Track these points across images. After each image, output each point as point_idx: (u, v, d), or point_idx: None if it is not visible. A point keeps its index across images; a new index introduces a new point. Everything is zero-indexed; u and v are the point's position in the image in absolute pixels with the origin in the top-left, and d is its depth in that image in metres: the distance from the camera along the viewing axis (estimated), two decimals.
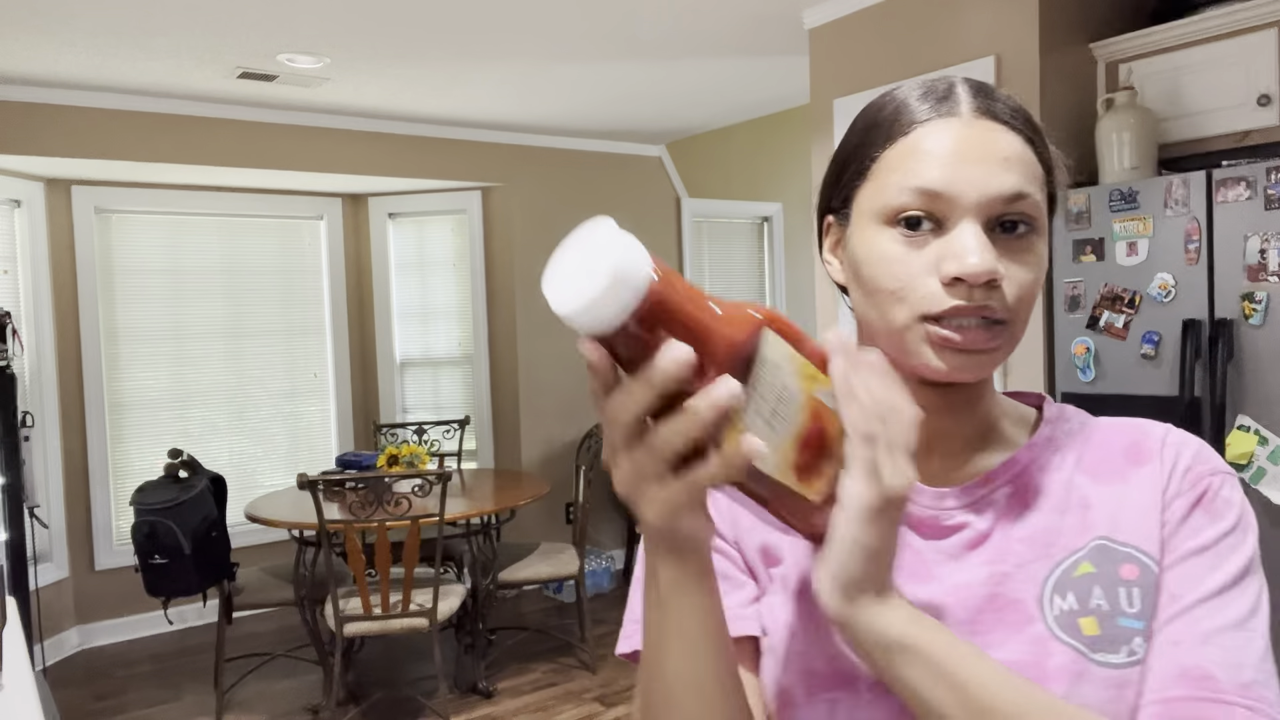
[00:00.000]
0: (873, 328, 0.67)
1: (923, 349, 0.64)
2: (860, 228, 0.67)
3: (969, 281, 0.61)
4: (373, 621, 3.14)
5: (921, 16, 2.88)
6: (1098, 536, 0.66)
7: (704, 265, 5.69)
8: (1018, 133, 0.66)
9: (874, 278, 0.65)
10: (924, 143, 0.64)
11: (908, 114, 0.66)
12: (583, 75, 3.88)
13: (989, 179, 0.63)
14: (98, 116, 3.93)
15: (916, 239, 0.64)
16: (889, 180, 0.65)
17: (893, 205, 0.64)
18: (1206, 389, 2.23)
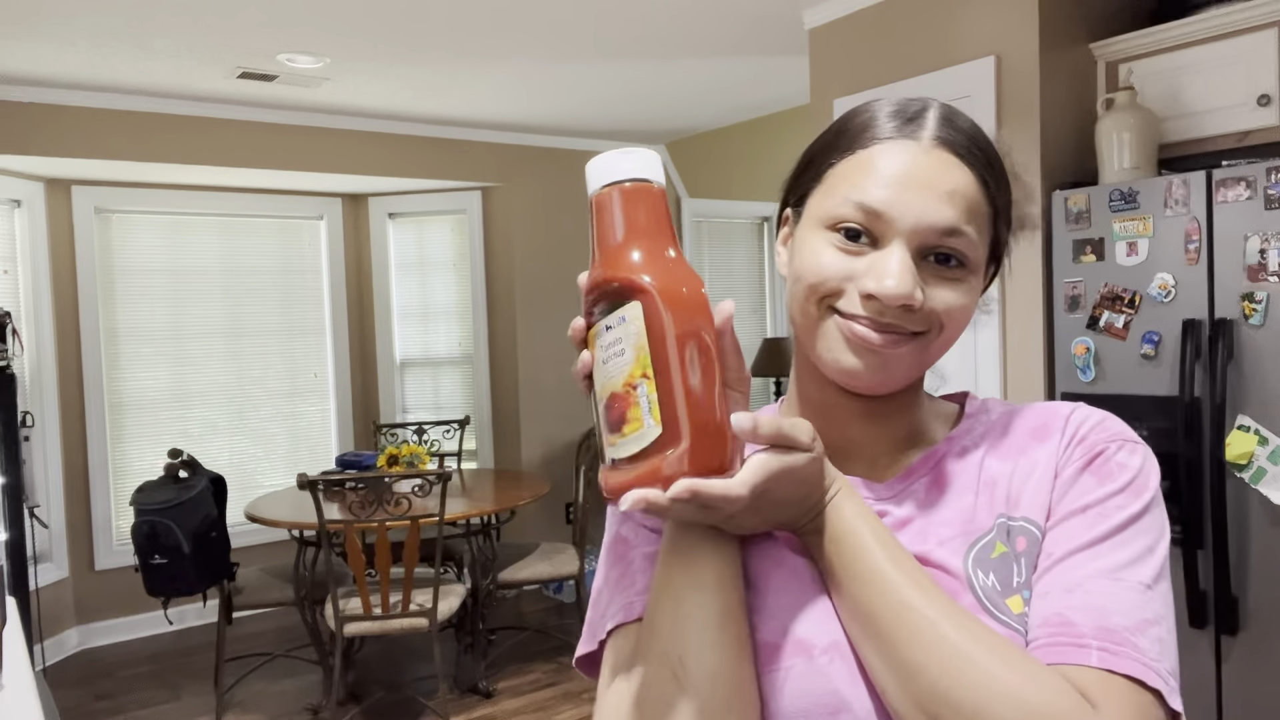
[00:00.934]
0: (795, 322, 0.70)
1: (836, 343, 0.66)
2: (806, 228, 0.69)
3: (884, 302, 0.63)
4: (373, 621, 3.14)
5: (921, 16, 2.88)
6: (999, 514, 0.67)
7: (704, 265, 5.69)
8: (972, 170, 0.67)
9: (801, 271, 0.68)
10: (877, 160, 0.66)
11: (873, 129, 0.68)
12: (583, 75, 3.88)
13: (926, 208, 0.64)
14: (98, 116, 3.93)
15: (852, 249, 0.66)
16: (837, 189, 0.67)
17: (835, 214, 0.66)
18: (1206, 389, 2.23)
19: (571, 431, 5.16)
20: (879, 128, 0.67)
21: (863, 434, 0.73)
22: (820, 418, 0.72)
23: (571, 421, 5.16)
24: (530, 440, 5.02)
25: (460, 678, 3.78)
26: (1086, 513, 0.64)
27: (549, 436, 5.08)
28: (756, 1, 3.06)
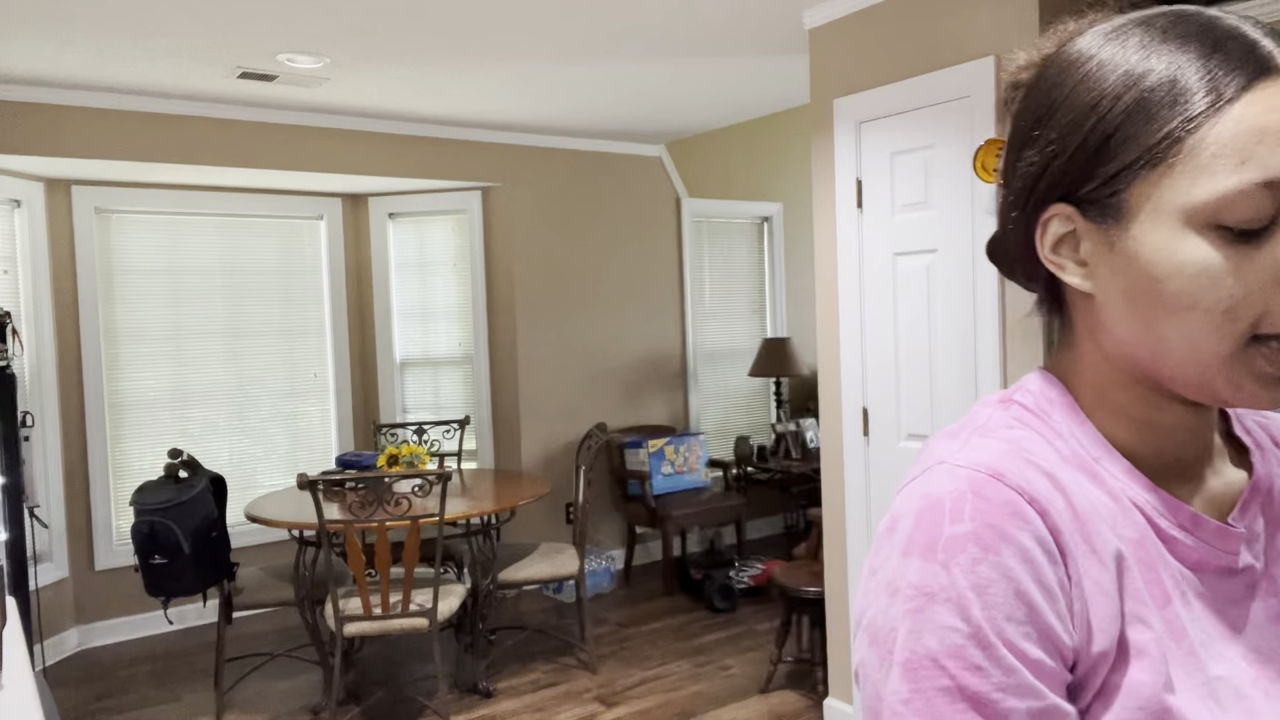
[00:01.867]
0: (1159, 352, 0.54)
1: (1247, 379, 0.52)
2: (1156, 229, 0.52)
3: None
4: (373, 621, 3.14)
5: (921, 16, 2.89)
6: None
7: (704, 265, 5.69)
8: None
9: (1194, 294, 0.51)
10: (1260, 116, 0.49)
11: (1214, 75, 0.50)
12: (583, 75, 3.88)
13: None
14: (98, 116, 3.94)
15: (1249, 240, 0.50)
16: (1217, 170, 0.50)
17: (1225, 203, 0.50)
18: None
19: (571, 431, 5.16)
20: (1220, 73, 0.50)
21: (1194, 449, 0.60)
22: (1157, 439, 0.59)
23: (571, 421, 5.16)
24: (530, 440, 5.02)
25: (460, 678, 3.78)
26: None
27: (549, 436, 5.08)
28: (756, 1, 3.06)
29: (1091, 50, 0.55)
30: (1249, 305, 0.50)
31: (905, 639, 0.51)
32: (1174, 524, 0.56)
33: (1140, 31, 0.53)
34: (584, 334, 5.20)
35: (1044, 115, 0.56)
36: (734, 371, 5.81)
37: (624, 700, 3.51)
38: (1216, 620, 0.55)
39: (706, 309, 5.69)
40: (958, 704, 0.48)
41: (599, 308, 5.24)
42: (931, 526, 0.52)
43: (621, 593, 4.88)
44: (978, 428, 0.59)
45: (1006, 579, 0.50)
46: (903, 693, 0.50)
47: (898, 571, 0.53)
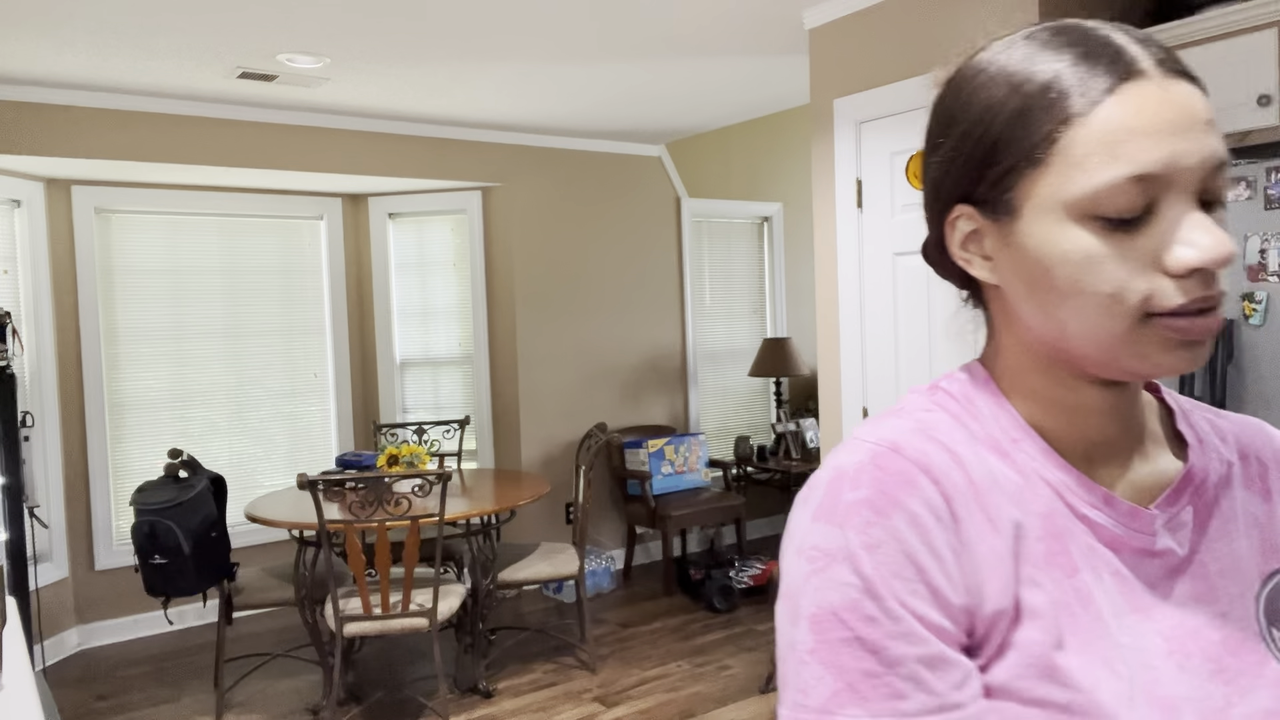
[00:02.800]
0: (1064, 334, 0.58)
1: (1152, 349, 0.55)
2: (1042, 223, 0.57)
3: (1212, 268, 0.53)
4: (373, 621, 3.14)
5: (921, 16, 2.89)
6: (1274, 567, 0.62)
7: (704, 265, 5.69)
8: (1198, 86, 0.56)
9: (1080, 280, 0.55)
10: (1122, 118, 0.54)
11: (1081, 83, 0.55)
12: (583, 75, 3.88)
13: (1201, 149, 0.54)
14: (98, 116, 3.94)
15: (1125, 230, 0.54)
16: (1089, 166, 0.54)
17: (1098, 197, 0.54)
18: (1206, 389, 2.23)
19: (571, 431, 5.16)
20: (1090, 77, 0.55)
21: (1116, 432, 0.63)
22: (1071, 421, 0.63)
23: (571, 421, 5.16)
24: (530, 440, 5.02)
25: (460, 678, 3.78)
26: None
27: (549, 436, 5.08)
28: (756, 1, 3.06)
29: (985, 63, 0.61)
30: (1133, 287, 0.54)
31: (811, 595, 0.55)
32: (1086, 502, 0.60)
33: (1025, 44, 0.59)
34: (584, 334, 5.20)
35: (946, 124, 0.61)
36: (734, 371, 5.81)
37: (624, 700, 3.51)
38: (1132, 596, 0.58)
39: (706, 309, 5.69)
40: (856, 652, 0.53)
41: (599, 307, 5.24)
42: (835, 494, 0.57)
43: (621, 593, 4.88)
44: (895, 410, 0.64)
45: (896, 540, 0.55)
46: (809, 643, 0.55)
47: (805, 535, 0.57)
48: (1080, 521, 0.60)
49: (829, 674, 0.53)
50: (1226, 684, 0.57)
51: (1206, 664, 0.57)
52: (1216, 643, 0.58)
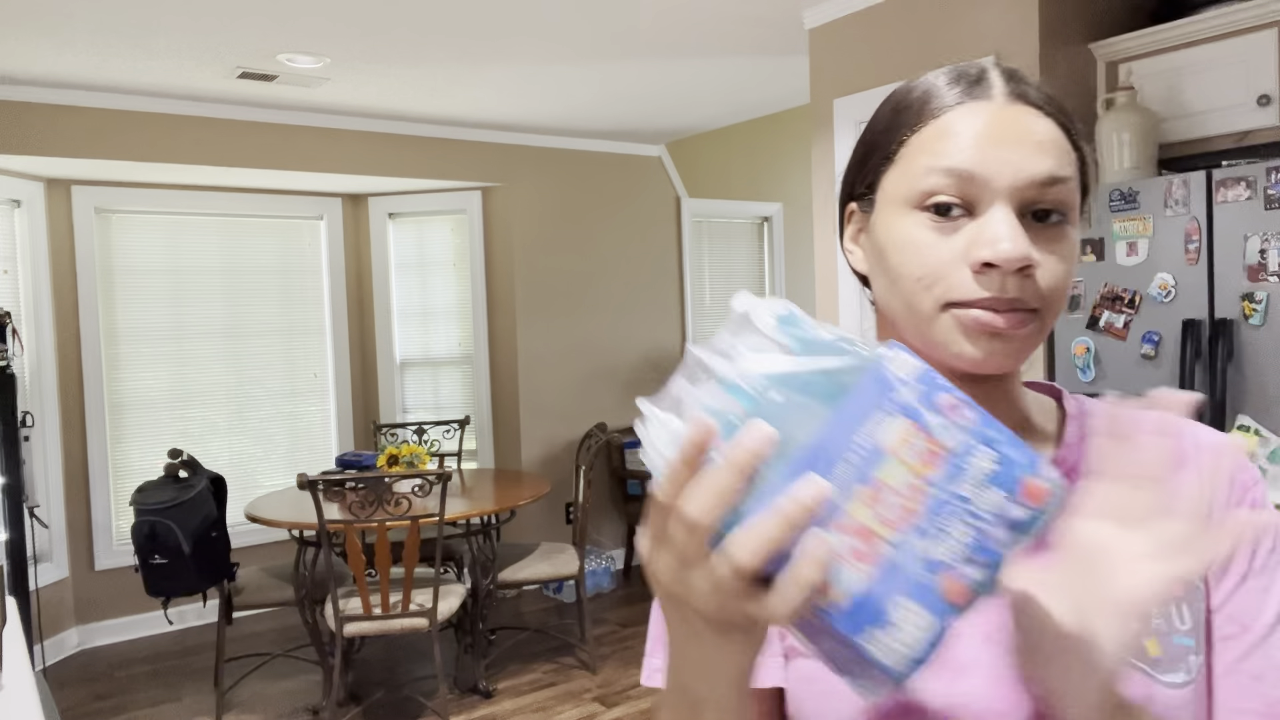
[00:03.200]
0: (896, 318, 0.65)
1: (953, 336, 0.61)
2: (886, 213, 0.64)
3: (1003, 268, 0.59)
4: (373, 621, 3.14)
5: (921, 16, 2.89)
6: None
7: (704, 265, 5.69)
8: (1052, 118, 0.63)
9: (900, 264, 0.62)
10: (955, 125, 0.62)
11: (938, 97, 0.64)
12: (583, 75, 3.88)
13: (1023, 161, 0.60)
14: (98, 116, 3.94)
15: (946, 225, 0.61)
16: (917, 163, 0.62)
17: (921, 188, 0.61)
18: (1206, 389, 2.23)
19: (571, 431, 5.16)
20: (944, 95, 0.63)
21: None
22: None
23: (571, 421, 5.16)
24: (530, 440, 5.02)
25: (460, 678, 3.78)
26: (1259, 576, 0.62)
27: (549, 436, 5.08)
28: (756, 1, 3.06)
29: (897, 87, 0.70)
30: (940, 274, 0.61)
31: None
32: None
33: (931, 73, 0.67)
34: (584, 334, 5.20)
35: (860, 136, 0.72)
36: None
37: (624, 700, 3.51)
38: None
39: (706, 309, 5.69)
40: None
41: (599, 307, 5.24)
42: None
43: (621, 593, 4.88)
44: None
45: None
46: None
47: None
48: None
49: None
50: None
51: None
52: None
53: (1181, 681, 0.60)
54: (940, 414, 0.45)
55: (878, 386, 0.45)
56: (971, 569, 0.44)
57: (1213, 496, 0.64)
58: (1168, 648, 0.61)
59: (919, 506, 0.43)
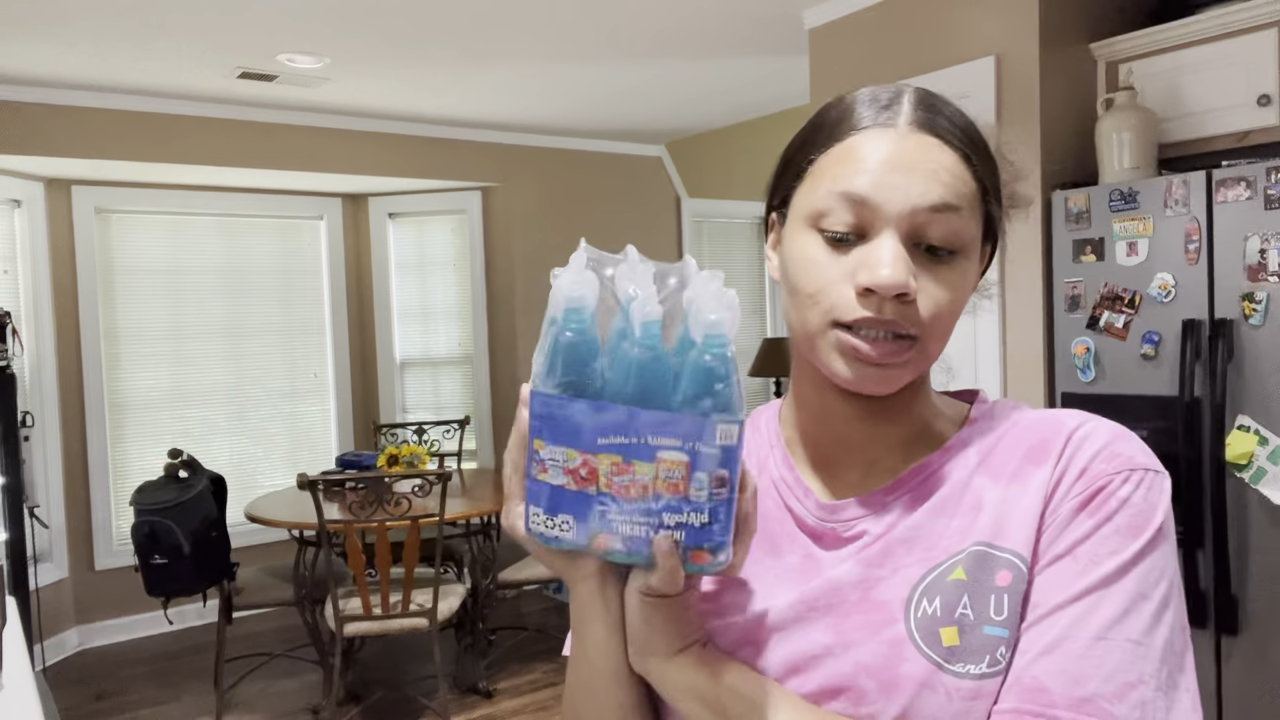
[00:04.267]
0: (792, 329, 0.69)
1: (832, 356, 0.64)
2: (793, 228, 0.68)
3: (880, 294, 0.62)
4: (373, 621, 3.14)
5: (921, 16, 2.89)
6: (977, 541, 0.63)
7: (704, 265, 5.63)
8: (955, 149, 0.65)
9: (796, 279, 0.66)
10: (857, 150, 0.65)
11: (849, 120, 0.67)
12: (583, 75, 3.88)
13: (912, 188, 0.63)
14: (98, 116, 3.94)
15: (840, 245, 0.64)
16: (820, 184, 0.66)
17: (819, 209, 0.65)
18: (1206, 389, 2.23)
19: None
20: (855, 118, 0.66)
21: (861, 436, 0.70)
22: (817, 421, 0.72)
23: None
24: None
25: (460, 678, 3.78)
26: (1077, 559, 0.60)
27: None
28: (756, 1, 3.06)
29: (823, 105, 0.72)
30: (828, 293, 0.64)
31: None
32: (794, 496, 0.72)
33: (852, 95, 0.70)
34: None
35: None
36: None
37: None
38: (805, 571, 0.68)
39: None
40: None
41: None
42: None
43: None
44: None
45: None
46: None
47: None
48: (787, 511, 0.72)
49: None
50: (836, 636, 0.64)
51: (825, 618, 0.65)
52: (852, 602, 0.65)
53: (981, 672, 0.59)
54: (706, 485, 0.57)
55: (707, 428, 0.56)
56: (620, 541, 0.58)
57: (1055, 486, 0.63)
58: (972, 638, 0.60)
59: (635, 494, 0.57)
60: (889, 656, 0.61)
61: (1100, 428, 0.65)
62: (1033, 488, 0.64)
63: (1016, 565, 0.62)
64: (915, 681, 0.60)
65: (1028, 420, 0.69)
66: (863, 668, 0.62)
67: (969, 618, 0.61)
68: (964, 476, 0.67)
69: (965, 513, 0.65)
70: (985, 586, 0.62)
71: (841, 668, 0.63)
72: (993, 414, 0.71)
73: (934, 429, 0.71)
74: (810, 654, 0.64)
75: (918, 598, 0.63)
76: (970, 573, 0.62)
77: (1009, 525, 0.63)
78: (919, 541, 0.65)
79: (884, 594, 0.64)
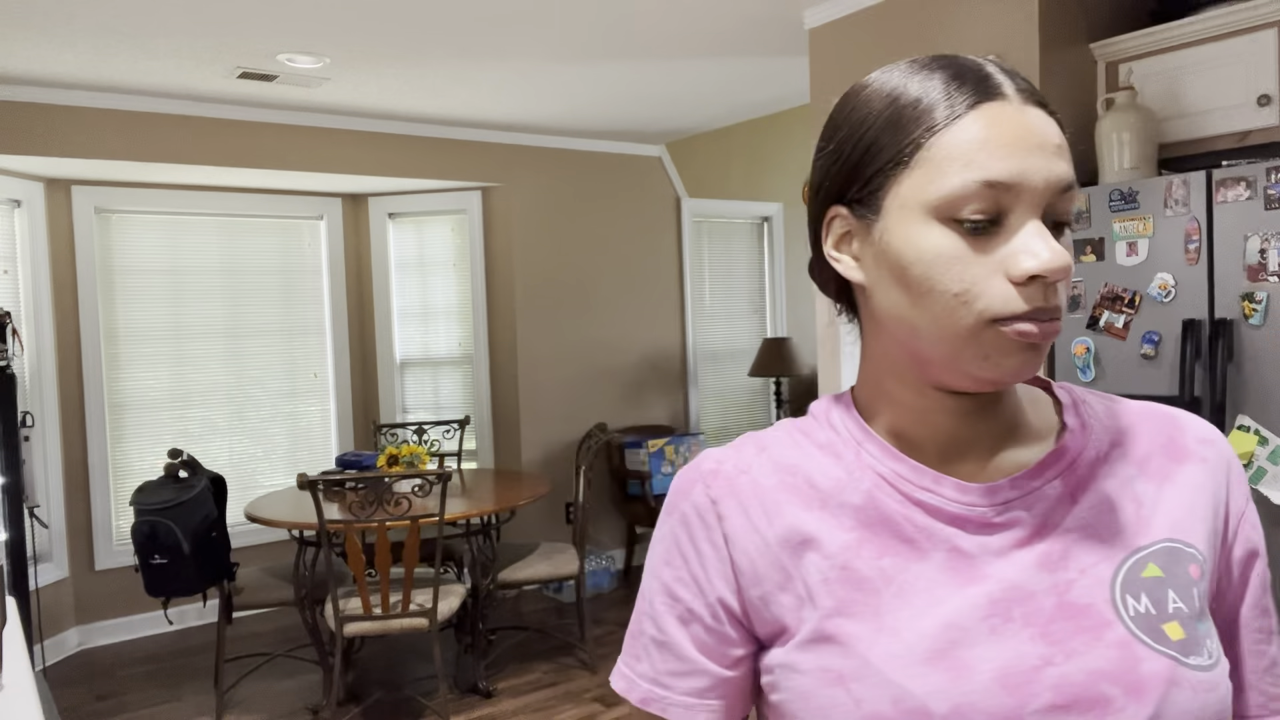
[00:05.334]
0: (917, 334, 0.62)
1: (988, 351, 0.60)
2: (903, 222, 0.61)
3: (1049, 278, 0.58)
4: (373, 621, 3.14)
5: (921, 17, 2.89)
6: (1164, 538, 0.64)
7: (704, 265, 5.69)
8: (1057, 120, 0.62)
9: (931, 278, 0.60)
10: (982, 129, 0.59)
11: (951, 97, 0.60)
12: (583, 75, 3.88)
13: (1051, 168, 0.59)
14: (98, 116, 3.94)
15: (979, 235, 0.59)
16: (946, 169, 0.59)
17: (952, 197, 0.59)
18: (1206, 389, 2.23)
19: (571, 431, 5.16)
20: (957, 95, 0.60)
21: (972, 432, 0.67)
22: (920, 422, 0.67)
23: (571, 421, 5.16)
24: (530, 440, 5.02)
25: (460, 678, 3.78)
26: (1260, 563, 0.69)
27: (549, 436, 5.08)
28: (756, 1, 3.06)
29: (870, 81, 0.65)
30: (979, 290, 0.59)
31: (646, 569, 0.73)
32: (919, 487, 0.65)
33: (906, 66, 0.64)
34: (584, 334, 5.20)
35: (830, 133, 0.67)
36: (734, 371, 5.81)
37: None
38: (963, 568, 0.63)
39: (706, 309, 5.69)
40: (641, 605, 0.72)
41: (599, 308, 5.24)
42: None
43: (621, 593, 4.88)
44: (749, 435, 0.75)
45: (670, 536, 0.70)
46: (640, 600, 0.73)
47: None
48: (915, 506, 0.65)
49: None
50: (1050, 645, 0.59)
51: (1028, 627, 0.60)
52: (1050, 607, 0.61)
53: (1206, 664, 0.61)
54: None
55: None
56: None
57: (1216, 489, 0.67)
58: (1191, 631, 0.61)
59: None
60: (1123, 659, 0.59)
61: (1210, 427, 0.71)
62: (1190, 486, 0.67)
63: (1199, 561, 0.64)
64: (1162, 679, 0.59)
65: (1135, 411, 0.71)
66: (1100, 674, 0.59)
67: (1184, 611, 0.62)
68: (1111, 469, 0.67)
69: (1128, 507, 0.65)
70: (1184, 581, 0.63)
71: (1073, 678, 0.59)
72: (1082, 398, 0.71)
73: (1030, 417, 0.69)
74: (1027, 666, 0.59)
75: (1121, 596, 0.61)
76: (1165, 568, 0.63)
77: (1184, 522, 0.65)
78: (1095, 539, 0.64)
79: (1082, 596, 0.61)
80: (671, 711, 0.69)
